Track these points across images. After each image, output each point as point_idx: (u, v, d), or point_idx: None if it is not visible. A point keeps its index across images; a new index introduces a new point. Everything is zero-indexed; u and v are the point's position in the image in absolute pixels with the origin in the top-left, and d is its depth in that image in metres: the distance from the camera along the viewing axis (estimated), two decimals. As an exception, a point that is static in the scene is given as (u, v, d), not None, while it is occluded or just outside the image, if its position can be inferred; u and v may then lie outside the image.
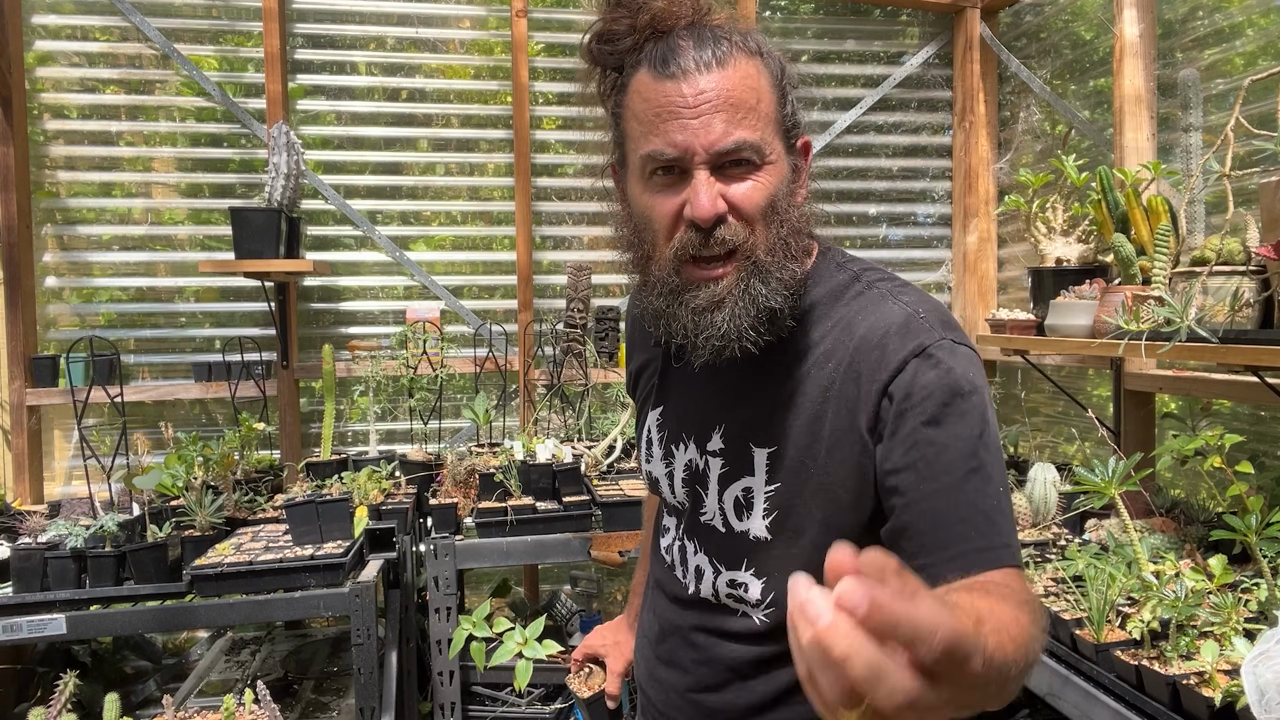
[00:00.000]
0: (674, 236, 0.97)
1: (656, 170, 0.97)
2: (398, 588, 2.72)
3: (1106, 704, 1.58)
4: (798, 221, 1.02)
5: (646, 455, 1.23)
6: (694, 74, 0.93)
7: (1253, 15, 2.53)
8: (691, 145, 0.93)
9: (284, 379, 3.41)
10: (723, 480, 1.09)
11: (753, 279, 0.97)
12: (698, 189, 0.94)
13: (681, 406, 1.17)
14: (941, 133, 3.95)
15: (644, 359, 1.26)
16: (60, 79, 3.36)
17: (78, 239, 3.39)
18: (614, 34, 1.00)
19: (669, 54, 0.95)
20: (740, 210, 0.96)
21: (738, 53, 0.95)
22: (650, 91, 0.96)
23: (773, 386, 1.05)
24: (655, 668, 1.23)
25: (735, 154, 0.94)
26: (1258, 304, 1.83)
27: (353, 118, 3.56)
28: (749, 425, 1.07)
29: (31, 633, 2.15)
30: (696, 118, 0.93)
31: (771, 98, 0.98)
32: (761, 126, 0.95)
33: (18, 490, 3.21)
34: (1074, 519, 2.30)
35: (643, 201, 0.99)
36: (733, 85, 0.94)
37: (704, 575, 1.14)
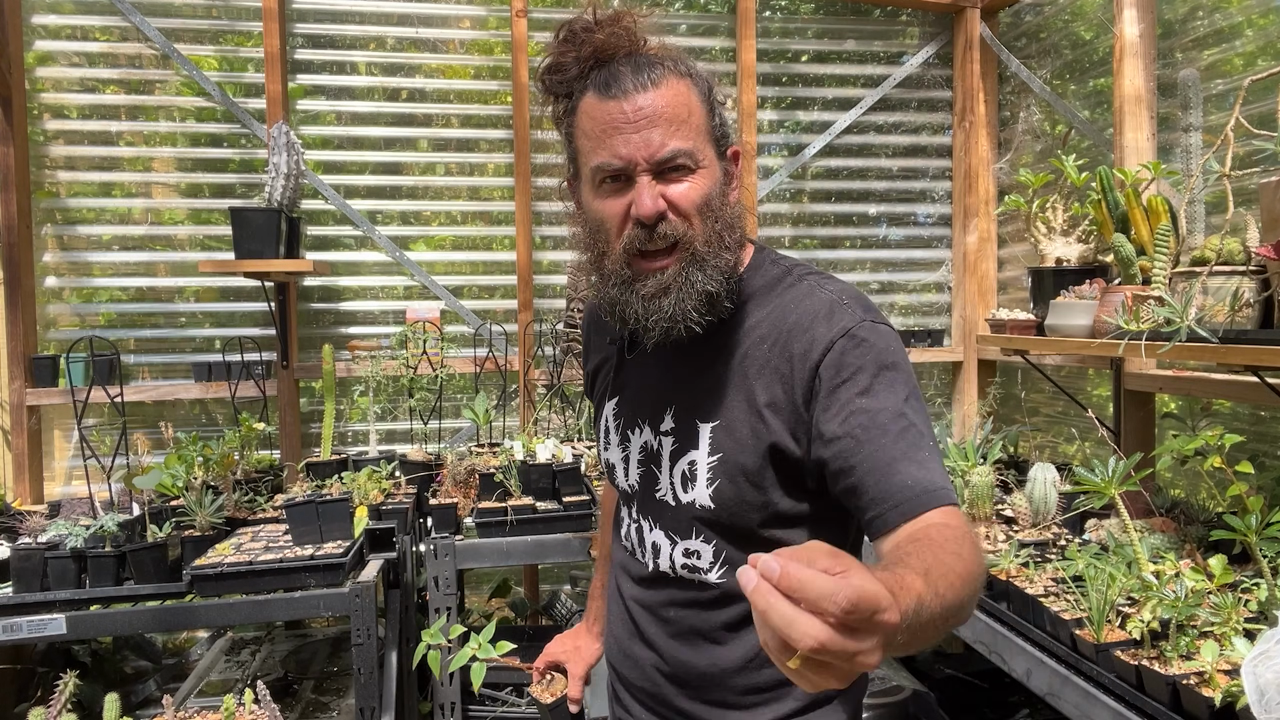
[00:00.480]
0: (623, 234, 1.11)
1: (605, 179, 1.11)
2: (398, 588, 2.72)
3: (1106, 704, 1.58)
4: (730, 218, 1.14)
5: (604, 444, 1.35)
6: (633, 94, 1.07)
7: (1252, 15, 2.53)
8: (634, 156, 1.07)
9: (284, 379, 3.41)
10: (673, 456, 1.20)
11: (692, 268, 1.10)
12: (641, 191, 1.08)
13: (636, 394, 1.28)
14: (941, 133, 3.95)
15: (600, 358, 1.40)
16: (60, 79, 3.36)
17: (78, 239, 3.39)
18: (562, 65, 1.14)
19: (610, 79, 1.09)
20: (678, 207, 1.09)
21: (670, 75, 1.10)
22: (596, 111, 1.10)
23: (717, 368, 1.17)
24: (628, 646, 1.31)
25: (672, 161, 1.08)
26: (1258, 304, 1.83)
27: (353, 118, 3.56)
28: (695, 403, 1.19)
29: (31, 633, 2.15)
30: (637, 132, 1.07)
31: (701, 111, 1.12)
32: (693, 136, 1.10)
33: (18, 490, 3.21)
34: (1074, 519, 2.30)
35: (595, 207, 1.13)
36: (667, 102, 1.08)
37: (661, 550, 1.23)
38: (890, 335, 1.09)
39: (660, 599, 1.25)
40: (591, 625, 1.61)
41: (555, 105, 1.18)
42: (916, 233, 3.97)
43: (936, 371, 4.00)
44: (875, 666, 0.64)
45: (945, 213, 3.96)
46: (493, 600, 3.59)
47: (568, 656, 1.57)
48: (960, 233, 3.86)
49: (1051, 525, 2.36)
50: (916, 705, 2.81)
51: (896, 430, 1.02)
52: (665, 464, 1.21)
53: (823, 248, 3.92)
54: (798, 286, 1.17)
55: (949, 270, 3.96)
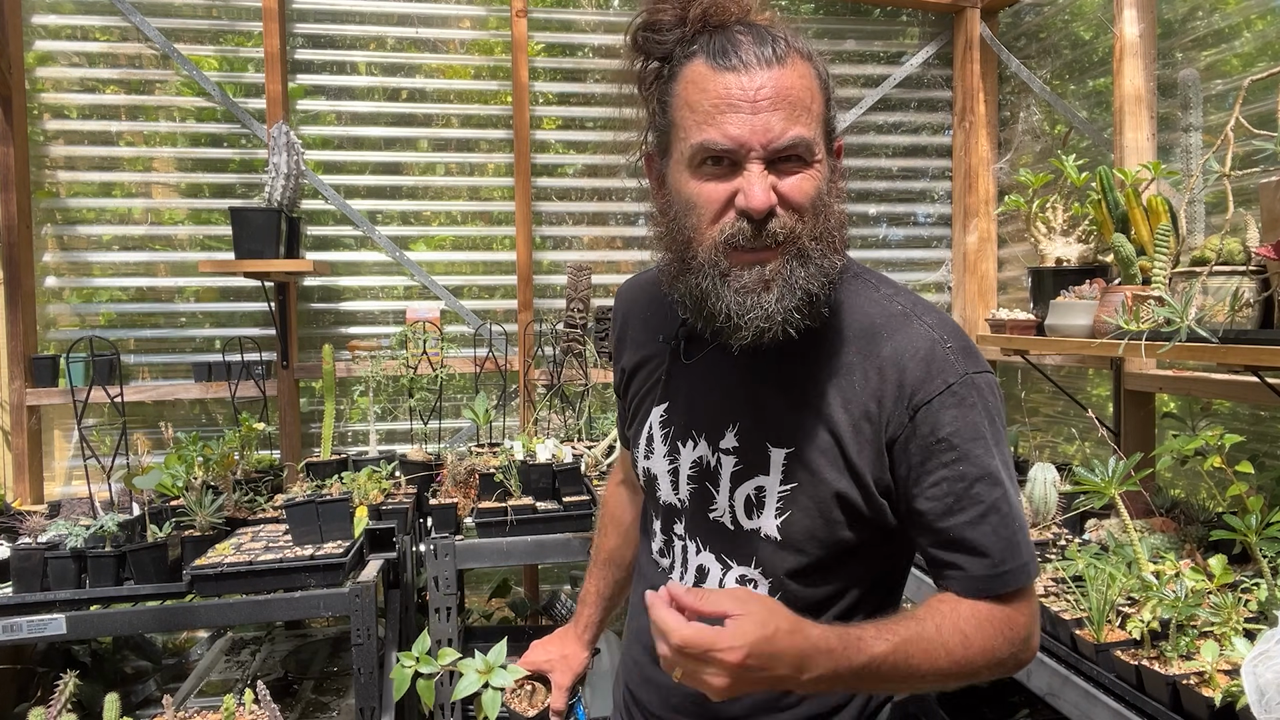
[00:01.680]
0: (720, 223, 0.99)
1: (708, 159, 0.98)
2: (398, 588, 2.72)
3: (1106, 704, 1.58)
4: (839, 217, 1.04)
5: (646, 452, 1.22)
6: (755, 68, 0.95)
7: (1251, 16, 2.53)
8: (749, 140, 0.95)
9: (284, 379, 3.41)
10: (735, 478, 1.10)
11: (796, 264, 0.99)
12: (752, 182, 0.96)
13: (691, 403, 1.16)
14: (941, 133, 3.95)
15: (644, 354, 1.25)
16: (60, 79, 3.36)
17: (78, 239, 3.39)
18: (661, 24, 1.01)
19: (729, 46, 0.96)
20: (790, 202, 0.98)
21: (794, 53, 0.98)
22: (708, 82, 0.97)
23: (794, 389, 1.07)
24: (652, 671, 1.20)
25: (789, 150, 0.97)
26: (1258, 304, 1.83)
27: (353, 118, 3.56)
28: (766, 425, 1.08)
29: (31, 633, 2.15)
30: (755, 113, 0.95)
31: (820, 99, 1.01)
32: (813, 126, 0.99)
33: (18, 490, 3.21)
34: (1074, 519, 2.30)
35: (689, 188, 1.00)
36: (791, 84, 0.96)
37: (709, 574, 1.14)
38: (989, 387, 1.03)
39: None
40: (581, 632, 1.51)
41: (645, 66, 1.05)
42: (916, 233, 3.97)
43: (936, 371, 3.99)
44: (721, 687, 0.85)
45: (945, 213, 3.96)
46: (493, 600, 3.59)
47: (553, 665, 1.46)
48: (960, 233, 3.86)
49: (1051, 525, 2.36)
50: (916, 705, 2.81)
51: (990, 500, 1.00)
52: (724, 484, 1.11)
53: (823, 248, 3.92)
54: (889, 309, 1.07)
55: (949, 270, 3.96)
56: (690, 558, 1.16)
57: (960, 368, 1.01)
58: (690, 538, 1.17)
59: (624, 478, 1.53)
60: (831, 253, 1.02)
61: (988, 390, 1.02)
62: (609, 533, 1.52)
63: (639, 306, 1.29)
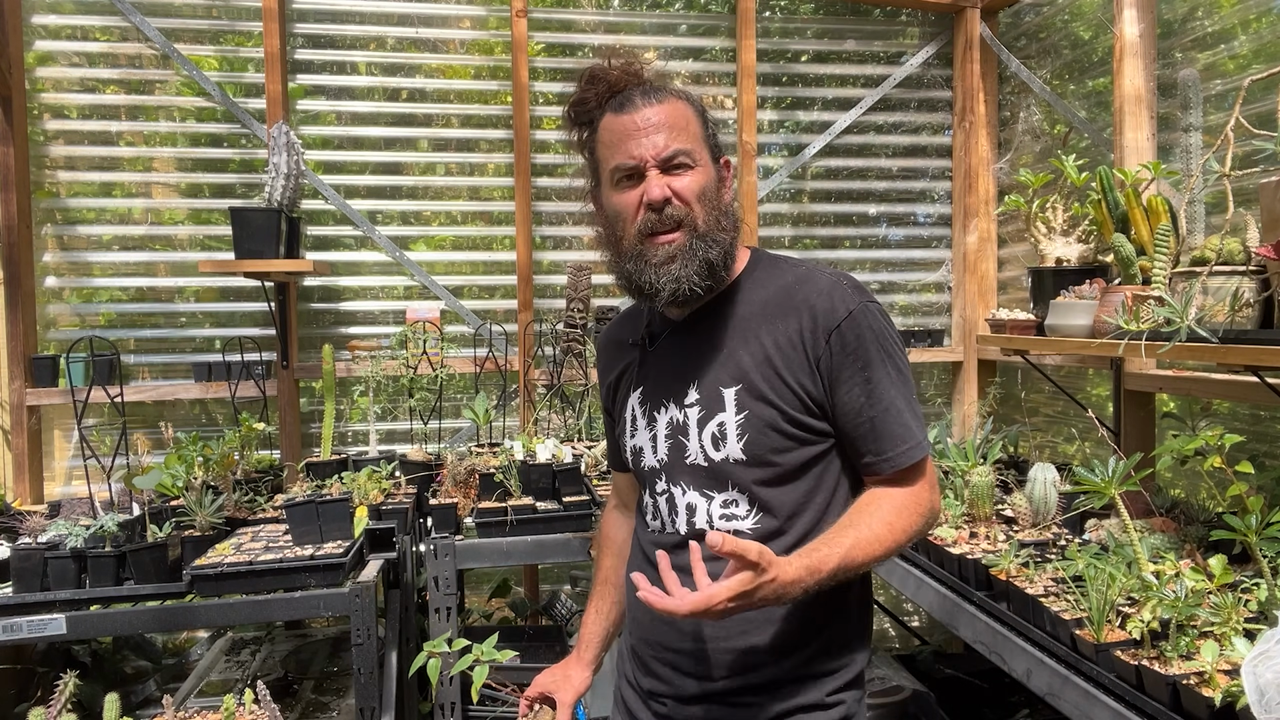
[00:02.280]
0: (637, 219, 1.33)
1: (622, 177, 1.33)
2: (398, 588, 2.72)
3: (1106, 704, 1.58)
4: (724, 208, 1.37)
5: (630, 433, 1.49)
6: (642, 108, 1.32)
7: (1249, 16, 2.53)
8: (644, 155, 1.31)
9: (284, 379, 3.41)
10: (700, 423, 1.37)
11: (695, 239, 1.32)
12: (650, 183, 1.31)
13: (659, 379, 1.45)
14: (941, 133, 3.95)
15: (622, 365, 1.55)
16: (60, 79, 3.36)
17: (78, 239, 3.40)
18: (585, 100, 1.39)
19: (624, 100, 1.34)
20: (681, 195, 1.32)
21: (670, 95, 1.35)
22: (613, 124, 1.34)
23: (731, 340, 1.38)
24: (654, 626, 1.41)
25: (674, 159, 1.31)
26: (1258, 304, 1.83)
27: (353, 118, 3.56)
28: (717, 373, 1.37)
29: (31, 633, 2.15)
30: (646, 136, 1.31)
31: (697, 123, 1.36)
32: (691, 141, 1.33)
33: (18, 490, 3.21)
34: (1074, 519, 2.30)
35: (614, 201, 1.36)
36: (668, 114, 1.33)
37: (697, 509, 1.38)
38: (880, 313, 1.35)
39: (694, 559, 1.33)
40: (583, 654, 1.65)
41: (579, 133, 1.42)
42: (916, 233, 3.97)
43: (936, 371, 4.00)
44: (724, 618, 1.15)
45: (945, 213, 3.96)
46: (493, 600, 3.59)
47: (557, 686, 1.62)
48: (960, 233, 3.86)
49: (1051, 525, 2.36)
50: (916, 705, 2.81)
51: (892, 397, 1.32)
52: (693, 431, 1.37)
53: (823, 248, 3.92)
54: (797, 270, 1.41)
55: (949, 270, 3.96)
56: (678, 501, 1.40)
57: (856, 299, 1.34)
58: (674, 484, 1.41)
59: (617, 502, 1.75)
60: (720, 230, 1.34)
61: (880, 314, 1.35)
62: (606, 553, 1.72)
63: (617, 335, 1.60)
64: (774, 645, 1.34)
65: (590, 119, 1.40)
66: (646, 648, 1.44)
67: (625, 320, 1.61)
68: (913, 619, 3.93)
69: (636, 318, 1.55)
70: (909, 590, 2.40)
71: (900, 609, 3.93)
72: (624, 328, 1.58)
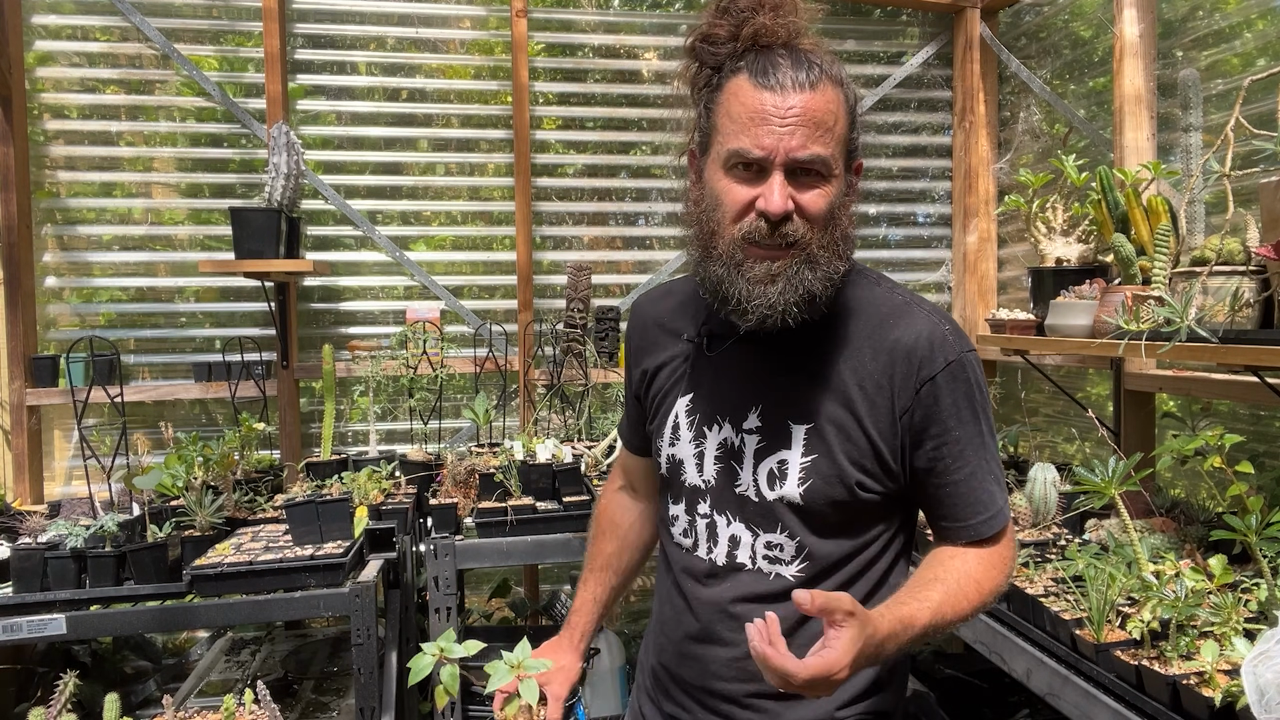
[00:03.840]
0: (742, 221, 1.14)
1: (739, 164, 1.13)
2: (398, 588, 2.72)
3: (1106, 704, 1.58)
4: (847, 229, 1.19)
5: (671, 439, 1.33)
6: (789, 90, 1.09)
7: (1250, 16, 2.53)
8: (775, 149, 1.10)
9: (284, 379, 3.41)
10: (758, 454, 1.23)
11: (804, 267, 1.14)
12: (773, 187, 1.11)
13: (715, 391, 1.29)
14: (941, 133, 3.95)
15: (665, 356, 1.37)
16: (60, 79, 3.36)
17: (78, 239, 3.39)
18: (717, 38, 1.15)
19: (770, 67, 1.11)
20: (805, 213, 1.13)
21: (826, 79, 1.12)
22: (747, 96, 1.11)
23: (810, 370, 1.22)
24: (689, 647, 1.31)
25: (808, 165, 1.11)
26: (1258, 304, 1.83)
27: (353, 118, 3.56)
28: (786, 404, 1.23)
29: (31, 633, 2.15)
30: (784, 127, 1.09)
31: (845, 123, 1.15)
32: (834, 145, 1.13)
33: (18, 490, 3.21)
34: (1074, 519, 2.30)
35: (720, 186, 1.15)
36: (818, 106, 1.10)
37: (741, 541, 1.25)
38: (978, 364, 1.22)
39: (731, 594, 1.26)
40: (577, 641, 1.54)
41: (698, 73, 1.19)
42: (916, 233, 3.97)
43: (936, 371, 3.99)
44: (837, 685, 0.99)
45: (945, 213, 3.96)
46: (493, 600, 3.59)
47: (549, 677, 1.48)
48: (960, 233, 3.86)
49: (1051, 525, 2.35)
50: (916, 705, 2.81)
51: (979, 460, 1.21)
52: (749, 461, 1.24)
53: (823, 248, 3.92)
54: (893, 298, 1.25)
55: (949, 270, 3.96)
56: (721, 530, 1.27)
57: (957, 347, 1.19)
58: (719, 512, 1.27)
59: (623, 484, 1.61)
60: (837, 260, 1.16)
61: (977, 366, 1.22)
62: (607, 538, 1.58)
63: (659, 315, 1.40)
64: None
65: (718, 64, 1.16)
66: (671, 680, 1.35)
67: (672, 300, 1.40)
68: (913, 619, 3.92)
69: (688, 303, 1.36)
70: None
71: (900, 609, 3.92)
72: (673, 311, 1.38)
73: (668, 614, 1.36)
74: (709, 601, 1.28)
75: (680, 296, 1.39)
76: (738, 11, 1.13)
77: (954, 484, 1.21)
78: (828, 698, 1.21)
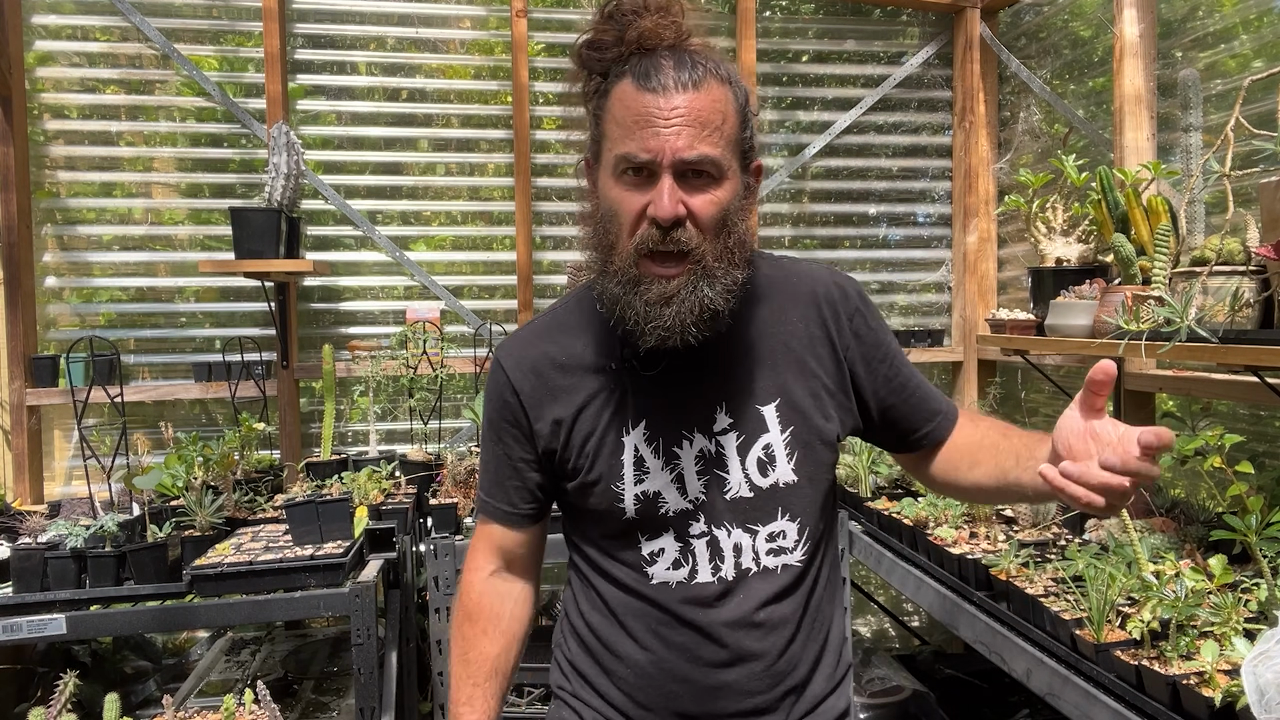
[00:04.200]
0: (637, 231, 1.10)
1: (628, 169, 1.09)
2: (398, 588, 2.71)
3: (1106, 704, 1.58)
4: (744, 234, 1.15)
5: (636, 476, 1.20)
6: (673, 91, 1.07)
7: (1250, 16, 2.53)
8: (662, 151, 1.06)
9: (284, 379, 3.41)
10: (741, 449, 1.20)
11: (701, 282, 1.10)
12: (662, 191, 1.07)
13: (672, 407, 1.21)
14: (941, 133, 3.95)
15: (584, 395, 1.23)
16: (60, 79, 3.36)
17: (78, 239, 3.40)
18: (602, 43, 1.13)
19: (652, 69, 1.08)
20: (697, 218, 1.09)
21: (711, 77, 1.09)
22: (631, 100, 1.09)
23: (755, 353, 1.23)
24: (720, 675, 1.21)
25: (697, 165, 1.07)
26: (1258, 304, 1.83)
27: (353, 118, 3.56)
28: (746, 392, 1.21)
29: (31, 633, 2.15)
30: (669, 128, 1.06)
31: (735, 122, 1.12)
32: (723, 145, 1.09)
33: (18, 490, 3.21)
34: (1074, 519, 2.30)
35: (612, 195, 1.12)
36: (703, 105, 1.07)
37: (743, 548, 1.21)
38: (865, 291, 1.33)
39: (751, 603, 1.20)
40: None
41: (587, 82, 1.17)
42: (916, 233, 3.97)
43: (936, 371, 4.00)
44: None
45: (945, 213, 3.96)
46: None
47: None
48: (960, 233, 3.86)
49: (1051, 525, 2.36)
50: (917, 705, 2.81)
51: (910, 367, 1.30)
52: (733, 460, 1.20)
53: (823, 248, 3.92)
54: (787, 268, 1.30)
55: (949, 270, 3.96)
56: (723, 543, 1.21)
57: (853, 285, 1.29)
58: (717, 526, 1.21)
59: (495, 567, 1.35)
60: (734, 269, 1.13)
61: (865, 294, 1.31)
62: (489, 637, 1.32)
63: (554, 354, 1.25)
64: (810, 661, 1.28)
65: (604, 70, 1.14)
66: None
67: (563, 334, 1.26)
68: (913, 619, 3.93)
69: (585, 331, 1.24)
70: (909, 590, 2.40)
71: (900, 609, 3.93)
72: (570, 345, 1.25)
73: (670, 659, 1.22)
74: (731, 621, 1.20)
75: (571, 328, 1.26)
76: (621, 16, 1.12)
77: (913, 390, 1.29)
78: (828, 682, 1.27)
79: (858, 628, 3.95)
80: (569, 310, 1.29)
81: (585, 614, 1.30)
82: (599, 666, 1.28)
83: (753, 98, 1.20)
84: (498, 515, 1.32)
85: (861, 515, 2.79)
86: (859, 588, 3.74)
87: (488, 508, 1.32)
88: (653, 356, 1.19)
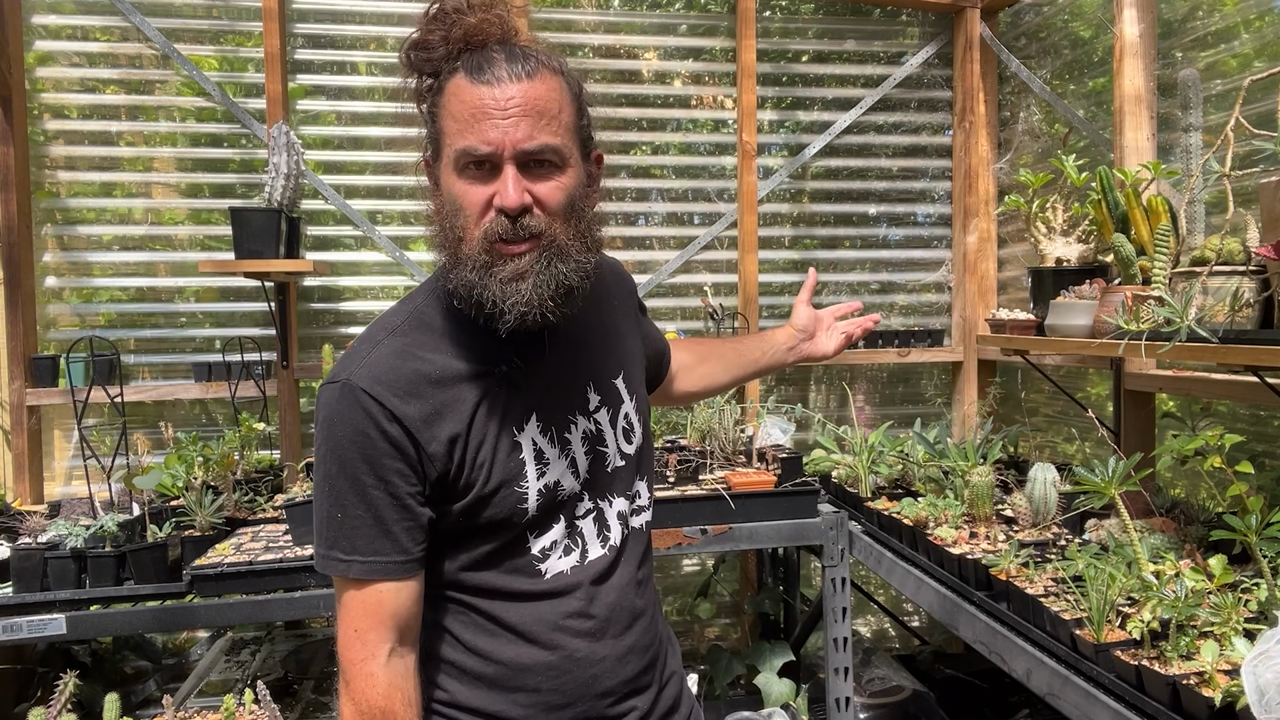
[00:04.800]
0: (483, 222, 1.10)
1: (470, 164, 1.10)
2: (398, 588, 2.71)
3: (1106, 704, 1.58)
4: (591, 219, 1.19)
5: (539, 470, 1.19)
6: (506, 82, 1.08)
7: (1250, 16, 2.53)
8: (502, 143, 1.07)
9: (284, 379, 3.41)
10: (612, 422, 1.30)
11: (554, 259, 1.12)
12: (507, 181, 1.08)
13: (553, 395, 1.25)
14: (941, 133, 3.95)
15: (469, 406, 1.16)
16: (60, 79, 3.36)
17: (78, 239, 3.40)
18: (429, 43, 1.13)
19: (484, 63, 1.09)
20: (544, 205, 1.11)
21: (543, 68, 1.11)
22: (467, 94, 1.09)
23: (599, 330, 1.34)
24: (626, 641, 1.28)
25: (539, 155, 1.10)
26: (1258, 304, 1.83)
27: (353, 118, 3.56)
28: (604, 367, 1.32)
29: (31, 633, 2.15)
30: (506, 119, 1.07)
31: (571, 110, 1.14)
32: (562, 133, 1.12)
33: (18, 490, 3.21)
34: (1074, 519, 2.30)
35: (456, 190, 1.11)
36: (539, 95, 1.09)
37: (625, 514, 1.31)
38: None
39: (632, 567, 1.31)
40: None
41: (419, 82, 1.17)
42: (916, 233, 3.97)
43: (936, 371, 4.00)
44: None
45: (945, 213, 3.96)
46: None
47: None
48: (960, 233, 3.86)
49: (1051, 525, 2.36)
50: (916, 705, 2.81)
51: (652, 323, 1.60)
52: (608, 434, 1.29)
53: (823, 248, 3.92)
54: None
55: (949, 270, 3.96)
56: (608, 514, 1.28)
57: (618, 266, 1.49)
58: (601, 499, 1.28)
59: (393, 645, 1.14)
60: (587, 251, 1.16)
61: None
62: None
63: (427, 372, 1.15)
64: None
65: (435, 69, 1.14)
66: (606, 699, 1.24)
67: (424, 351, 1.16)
68: (913, 619, 3.93)
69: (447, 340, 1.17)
70: (909, 590, 2.41)
71: (900, 609, 3.93)
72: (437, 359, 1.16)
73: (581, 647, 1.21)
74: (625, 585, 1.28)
75: (428, 342, 1.17)
76: (445, 16, 1.12)
77: (657, 339, 1.58)
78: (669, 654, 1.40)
79: (858, 627, 3.95)
80: (415, 325, 1.19)
81: (470, 645, 1.20)
82: (498, 690, 1.20)
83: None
84: (388, 570, 1.12)
85: (861, 515, 2.79)
86: (859, 588, 3.74)
87: (370, 568, 1.12)
88: (522, 349, 1.19)
